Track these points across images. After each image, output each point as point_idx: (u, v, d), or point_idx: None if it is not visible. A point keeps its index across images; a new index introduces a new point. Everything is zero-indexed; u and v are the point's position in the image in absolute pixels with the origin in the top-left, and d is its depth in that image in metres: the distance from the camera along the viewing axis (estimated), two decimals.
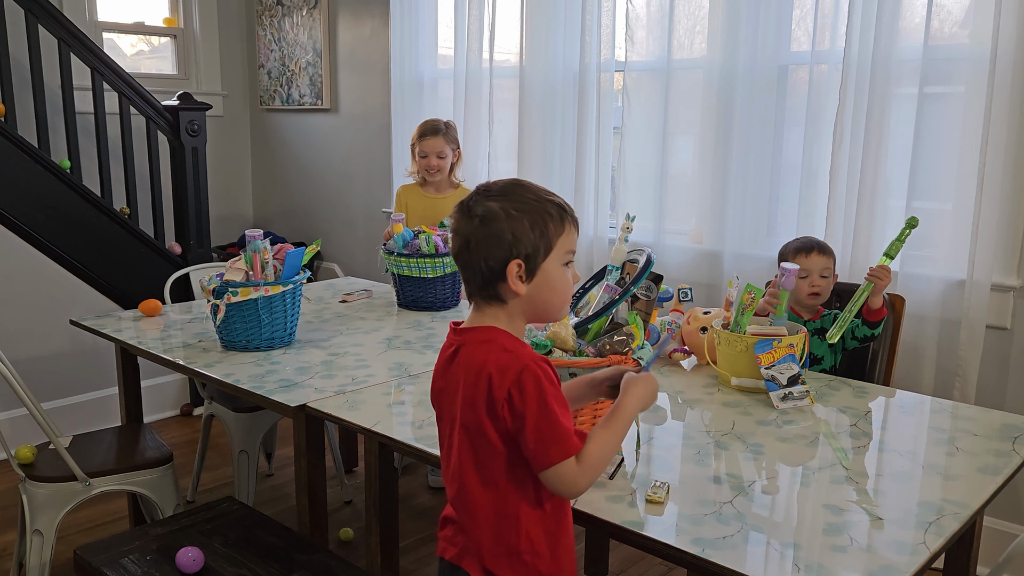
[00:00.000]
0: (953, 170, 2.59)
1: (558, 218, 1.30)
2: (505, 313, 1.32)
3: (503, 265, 1.27)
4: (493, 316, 1.32)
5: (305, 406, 1.92)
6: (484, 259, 1.28)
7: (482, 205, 1.29)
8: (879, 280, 2.23)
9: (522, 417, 1.24)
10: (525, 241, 1.27)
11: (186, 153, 3.87)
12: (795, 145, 2.93)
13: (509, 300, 1.31)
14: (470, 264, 1.30)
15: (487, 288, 1.31)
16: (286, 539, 1.96)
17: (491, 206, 1.28)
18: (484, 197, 1.30)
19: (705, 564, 1.27)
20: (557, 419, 1.25)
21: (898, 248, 2.24)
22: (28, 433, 2.90)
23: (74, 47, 3.58)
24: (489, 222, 1.27)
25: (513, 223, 1.27)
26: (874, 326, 2.31)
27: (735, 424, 1.81)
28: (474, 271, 1.30)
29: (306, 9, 4.47)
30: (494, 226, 1.27)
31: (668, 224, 3.22)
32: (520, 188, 1.32)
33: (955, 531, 1.36)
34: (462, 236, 1.30)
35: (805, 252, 2.37)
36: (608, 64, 3.27)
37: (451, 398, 1.33)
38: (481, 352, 1.29)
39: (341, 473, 3.19)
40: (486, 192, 1.31)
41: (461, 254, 1.31)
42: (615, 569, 2.69)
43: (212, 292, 2.31)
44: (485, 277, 1.29)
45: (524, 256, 1.27)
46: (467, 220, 1.30)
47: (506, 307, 1.31)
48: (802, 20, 2.87)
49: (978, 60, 2.47)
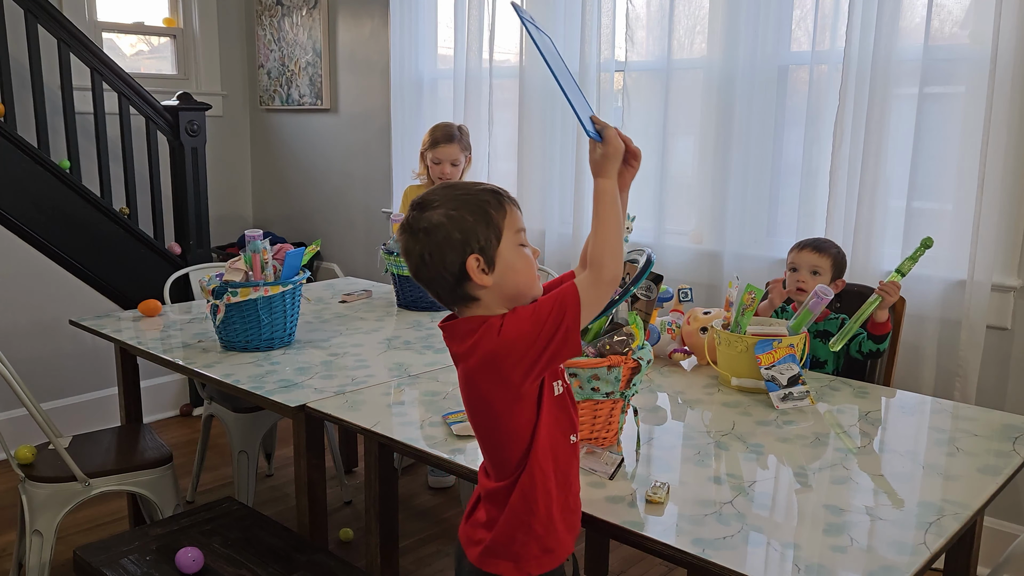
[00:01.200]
0: (953, 170, 2.59)
1: (496, 203, 1.31)
2: (482, 307, 1.32)
3: (462, 265, 1.28)
4: (476, 310, 1.33)
5: (305, 406, 1.92)
6: (443, 267, 1.28)
7: (422, 219, 1.30)
8: (887, 295, 2.22)
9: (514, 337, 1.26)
10: (474, 235, 1.28)
11: (186, 153, 3.87)
12: (795, 145, 2.93)
13: (481, 295, 1.31)
14: (433, 278, 1.31)
15: (457, 292, 1.31)
16: (286, 539, 1.96)
17: (430, 216, 1.29)
18: (421, 210, 1.31)
19: (705, 564, 1.27)
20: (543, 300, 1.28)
21: (910, 267, 2.22)
22: (28, 433, 2.90)
23: (74, 47, 3.58)
24: (435, 230, 1.28)
25: (457, 223, 1.28)
26: (879, 340, 2.30)
27: (735, 424, 1.81)
28: (439, 282, 1.31)
29: (306, 9, 4.47)
30: (440, 232, 1.28)
31: (668, 224, 3.22)
32: (450, 189, 1.33)
33: (955, 531, 1.36)
34: (415, 254, 1.31)
35: (798, 247, 2.41)
36: (608, 64, 3.27)
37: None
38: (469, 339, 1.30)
39: (341, 473, 3.19)
40: (420, 206, 1.32)
41: (420, 272, 1.32)
42: (615, 569, 2.69)
43: (212, 292, 2.31)
44: (451, 283, 1.30)
45: (479, 249, 1.28)
46: (413, 238, 1.31)
47: (481, 302, 1.31)
48: (802, 20, 2.87)
49: (978, 60, 2.47)
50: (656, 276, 1.85)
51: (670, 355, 2.25)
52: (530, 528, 1.32)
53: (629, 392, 1.65)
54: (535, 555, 1.34)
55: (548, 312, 1.26)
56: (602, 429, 1.66)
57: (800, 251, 2.40)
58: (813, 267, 2.37)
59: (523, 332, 1.26)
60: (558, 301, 1.26)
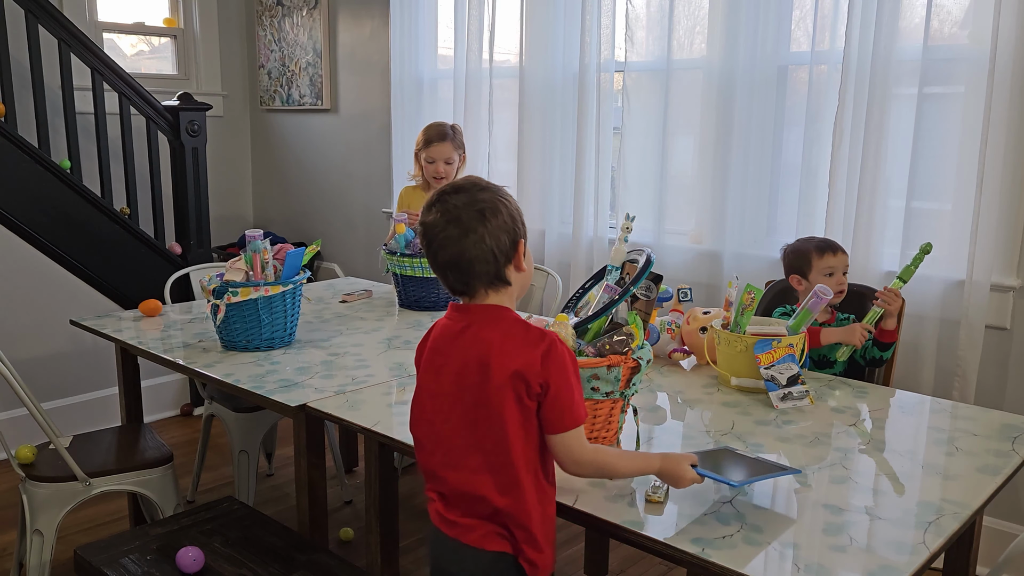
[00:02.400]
0: (953, 170, 2.59)
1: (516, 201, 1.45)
2: (507, 295, 1.41)
3: (515, 246, 1.38)
4: (498, 299, 1.41)
5: (305, 406, 1.92)
6: (496, 245, 1.36)
7: (477, 200, 1.37)
8: (889, 305, 2.22)
9: (547, 384, 1.34)
10: (520, 222, 1.41)
11: (186, 153, 3.87)
12: (795, 145, 2.93)
13: (513, 280, 1.41)
14: (482, 257, 1.36)
15: (499, 274, 1.39)
16: (286, 539, 1.97)
17: (486, 198, 1.37)
18: (468, 192, 1.38)
19: (705, 564, 1.28)
20: (574, 391, 1.36)
21: (911, 272, 2.23)
22: (28, 433, 2.90)
23: (74, 47, 3.59)
24: (495, 210, 1.36)
25: (508, 208, 1.38)
26: (884, 348, 2.30)
27: (735, 424, 1.81)
28: (485, 262, 1.37)
29: (306, 9, 4.47)
30: (502, 213, 1.37)
31: (668, 224, 3.22)
32: (474, 185, 1.41)
33: (955, 531, 1.37)
34: (473, 233, 1.35)
35: (832, 250, 2.36)
36: (608, 64, 3.27)
37: (458, 375, 1.40)
38: (503, 325, 1.38)
39: (341, 473, 3.19)
40: (461, 189, 1.39)
41: (471, 249, 1.36)
42: (615, 569, 2.70)
43: (212, 292, 2.31)
44: (499, 263, 1.37)
45: (523, 234, 1.41)
46: (471, 216, 1.36)
47: (510, 288, 1.41)
48: (802, 20, 2.87)
49: (977, 60, 2.47)
50: (656, 276, 1.85)
51: (670, 355, 2.25)
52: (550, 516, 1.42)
53: (629, 392, 1.65)
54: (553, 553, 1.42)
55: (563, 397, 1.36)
56: (602, 428, 1.66)
57: (836, 254, 2.35)
58: (846, 267, 2.37)
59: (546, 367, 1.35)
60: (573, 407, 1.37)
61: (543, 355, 1.34)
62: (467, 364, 1.38)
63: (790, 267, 2.42)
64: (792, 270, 2.41)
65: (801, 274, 2.37)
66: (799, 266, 2.38)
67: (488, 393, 1.35)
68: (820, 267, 2.34)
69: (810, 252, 2.37)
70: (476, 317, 1.40)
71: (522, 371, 1.33)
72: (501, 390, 1.34)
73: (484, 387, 1.36)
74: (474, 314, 1.40)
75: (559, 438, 1.37)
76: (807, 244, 2.40)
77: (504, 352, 1.35)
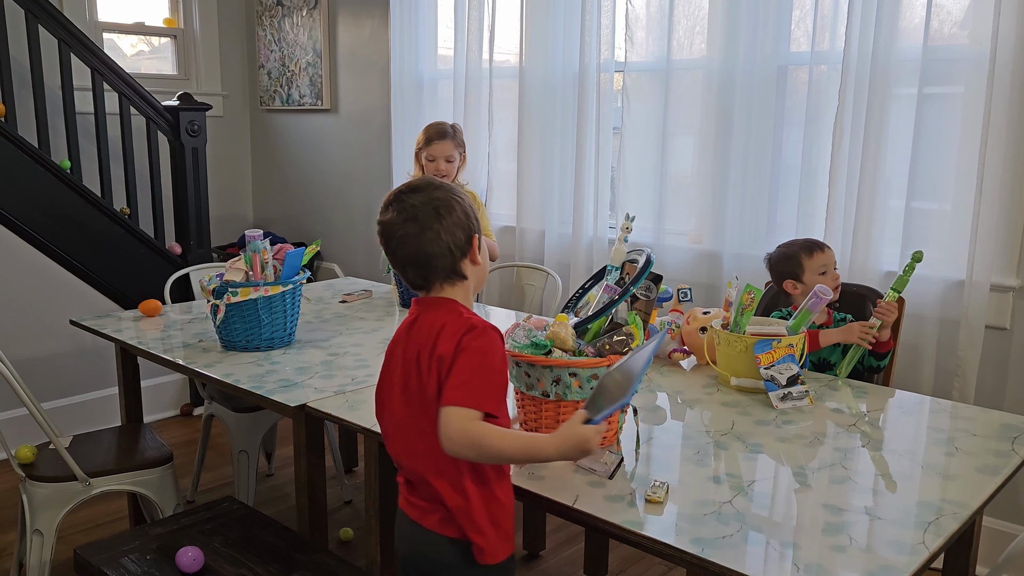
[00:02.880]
0: (952, 170, 2.59)
1: (469, 197, 1.51)
2: (462, 288, 1.48)
3: (469, 241, 1.45)
4: (452, 292, 1.48)
5: (305, 406, 1.92)
6: (452, 241, 1.43)
7: (432, 199, 1.43)
8: (886, 316, 2.21)
9: (453, 361, 1.38)
10: (473, 218, 1.47)
11: (186, 153, 3.88)
12: (795, 145, 2.93)
13: (469, 274, 1.48)
14: (440, 253, 1.43)
15: (455, 268, 1.45)
16: (286, 539, 1.97)
17: (441, 196, 1.44)
18: (424, 191, 1.44)
19: (705, 564, 1.28)
20: (476, 375, 1.37)
21: (905, 282, 2.22)
22: (28, 433, 2.90)
23: (74, 47, 3.59)
24: (451, 208, 1.43)
25: (460, 205, 1.45)
26: (880, 358, 2.30)
27: (734, 424, 1.81)
28: (443, 257, 1.43)
29: (306, 9, 4.47)
30: (455, 211, 1.43)
31: (668, 224, 3.22)
32: (428, 184, 1.47)
33: (954, 531, 1.37)
34: (430, 228, 1.42)
35: (819, 248, 2.35)
36: (608, 64, 3.27)
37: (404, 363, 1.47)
38: (442, 313, 1.44)
39: (341, 473, 3.19)
40: (417, 189, 1.45)
41: (428, 246, 1.42)
42: (615, 569, 2.70)
43: (212, 292, 2.32)
44: (454, 258, 1.44)
45: (476, 229, 1.47)
46: (427, 214, 1.42)
47: (465, 282, 1.48)
48: (802, 20, 2.87)
49: (977, 60, 2.47)
50: (656, 276, 1.85)
51: (670, 355, 2.25)
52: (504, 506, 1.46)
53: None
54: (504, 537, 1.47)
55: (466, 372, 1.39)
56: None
57: (824, 251, 2.35)
58: (834, 263, 2.38)
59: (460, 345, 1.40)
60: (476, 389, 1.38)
61: (462, 337, 1.38)
62: (412, 352, 1.46)
63: (781, 274, 2.39)
64: (784, 276, 2.38)
65: (795, 278, 2.35)
66: (791, 271, 2.36)
67: (423, 379, 1.43)
68: (813, 267, 2.34)
69: (799, 255, 2.35)
70: (425, 307, 1.48)
71: (443, 354, 1.39)
72: (429, 374, 1.41)
73: (422, 374, 1.43)
74: (424, 305, 1.48)
75: (441, 411, 1.36)
76: (793, 248, 2.39)
77: (439, 340, 1.41)
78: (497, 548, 1.45)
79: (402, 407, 1.48)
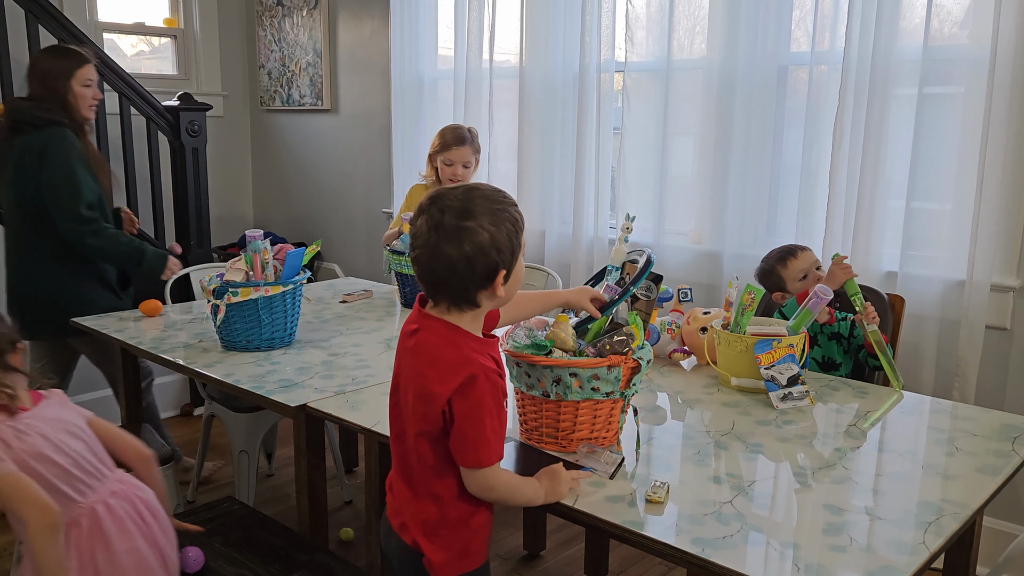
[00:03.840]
0: (953, 170, 2.59)
1: (520, 220, 1.39)
2: (469, 316, 1.40)
3: (491, 276, 1.34)
4: (458, 318, 1.40)
5: (305, 406, 1.92)
6: (471, 274, 1.33)
7: (463, 227, 1.32)
8: (875, 319, 2.19)
9: (452, 416, 1.35)
10: (506, 250, 1.34)
11: (186, 153, 3.87)
12: (795, 145, 2.93)
13: (484, 304, 1.39)
14: (453, 280, 1.34)
15: (468, 298, 1.37)
16: (286, 539, 1.97)
17: (470, 226, 1.31)
18: (459, 218, 1.32)
19: (705, 564, 1.28)
20: (484, 429, 1.35)
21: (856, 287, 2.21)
22: None
23: None
24: (476, 240, 1.31)
25: (496, 239, 1.33)
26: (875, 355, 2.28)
27: (735, 424, 1.81)
28: (457, 284, 1.35)
29: (306, 9, 4.47)
30: (482, 243, 1.32)
31: (668, 224, 3.22)
32: (485, 201, 1.35)
33: (955, 531, 1.37)
34: (448, 256, 1.32)
35: (792, 255, 2.40)
36: (608, 64, 3.27)
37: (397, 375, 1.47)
38: (441, 343, 1.38)
39: (341, 473, 3.19)
40: (458, 213, 1.32)
41: (445, 273, 1.34)
42: (615, 569, 2.70)
43: (212, 292, 2.32)
44: (467, 289, 1.35)
45: (506, 264, 1.35)
46: (450, 241, 1.32)
47: (478, 310, 1.40)
48: (802, 20, 2.87)
49: (977, 61, 2.47)
50: (656, 276, 1.85)
51: (670, 355, 2.25)
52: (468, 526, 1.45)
53: (629, 392, 1.65)
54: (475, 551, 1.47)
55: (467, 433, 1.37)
56: (602, 429, 1.66)
57: (797, 256, 2.39)
58: (815, 263, 2.41)
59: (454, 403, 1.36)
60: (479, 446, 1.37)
61: (460, 387, 1.34)
62: (404, 367, 1.43)
63: (768, 288, 2.44)
64: (772, 290, 2.44)
65: (781, 290, 2.42)
66: (775, 284, 2.43)
67: (402, 396, 1.43)
68: (791, 275, 2.38)
69: (775, 268, 2.42)
70: (425, 326, 1.40)
71: (436, 393, 1.35)
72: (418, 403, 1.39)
73: (403, 391, 1.43)
74: (426, 322, 1.41)
75: (463, 471, 1.40)
76: (769, 262, 2.45)
77: (432, 378, 1.36)
78: (444, 567, 1.45)
79: (395, 412, 1.49)
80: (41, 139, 2.69)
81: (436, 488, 1.43)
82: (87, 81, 2.79)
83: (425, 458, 1.42)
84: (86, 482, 1.60)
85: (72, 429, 1.63)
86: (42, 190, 2.69)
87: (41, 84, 2.77)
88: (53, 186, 2.67)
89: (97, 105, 2.86)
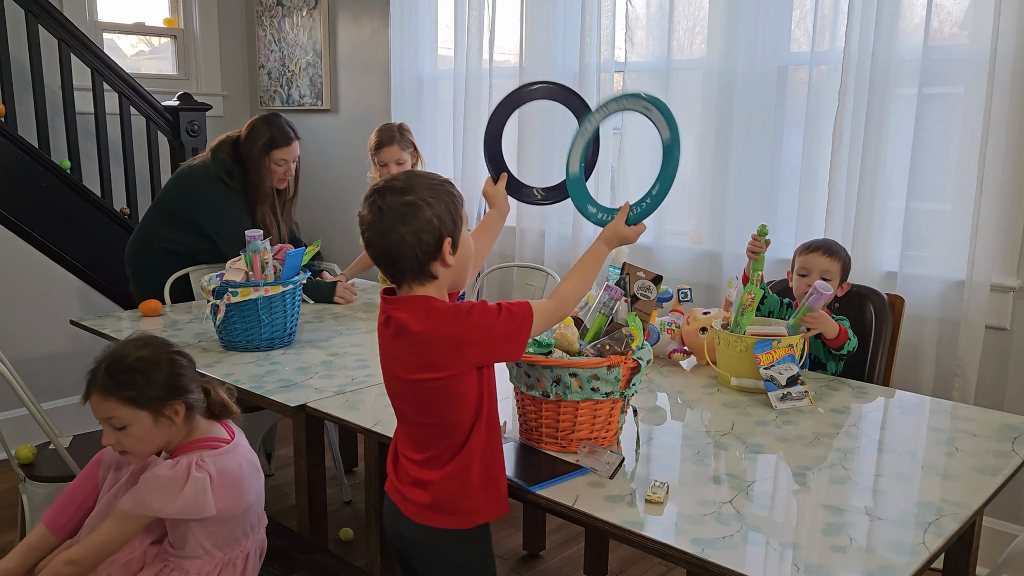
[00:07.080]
0: (952, 170, 2.59)
1: (459, 196, 1.50)
2: (434, 287, 1.48)
3: (438, 246, 1.44)
4: (424, 290, 1.48)
5: (305, 406, 1.93)
6: (418, 246, 1.43)
7: (401, 203, 1.42)
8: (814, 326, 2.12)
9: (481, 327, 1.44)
10: (447, 219, 1.45)
11: (186, 153, 3.87)
12: (795, 145, 2.93)
13: (440, 274, 1.47)
14: (405, 256, 1.44)
15: (423, 270, 1.46)
16: (286, 539, 1.96)
17: (411, 199, 1.42)
18: (395, 194, 1.43)
19: (704, 564, 1.28)
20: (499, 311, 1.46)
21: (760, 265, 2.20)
22: (28, 433, 2.90)
23: (74, 47, 3.59)
24: (415, 213, 1.42)
25: (432, 208, 1.43)
26: (840, 349, 2.21)
27: (734, 424, 1.81)
28: (409, 260, 1.44)
29: (306, 10, 4.47)
30: (422, 215, 1.42)
31: (668, 224, 3.22)
32: (416, 177, 1.47)
33: (954, 531, 1.37)
34: (394, 232, 1.42)
35: (808, 250, 2.32)
36: (608, 64, 3.27)
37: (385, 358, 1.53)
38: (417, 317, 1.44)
39: (341, 473, 3.19)
40: (390, 191, 1.44)
41: (394, 249, 1.44)
42: (615, 569, 2.70)
43: (212, 292, 2.32)
44: (420, 260, 1.44)
45: (451, 233, 1.45)
46: (393, 218, 1.42)
47: (437, 281, 1.48)
48: (802, 21, 2.87)
49: (977, 61, 2.47)
50: (656, 276, 1.85)
51: (669, 355, 2.25)
52: (469, 483, 1.48)
53: (629, 392, 1.65)
54: (478, 507, 1.50)
55: (508, 318, 1.46)
56: (602, 429, 1.66)
57: (810, 253, 2.29)
58: (824, 271, 2.26)
59: (487, 323, 1.44)
60: (516, 315, 1.46)
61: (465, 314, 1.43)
62: (390, 346, 1.49)
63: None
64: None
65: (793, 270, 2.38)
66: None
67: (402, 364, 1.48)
68: (796, 265, 2.34)
69: (798, 250, 2.37)
70: (395, 307, 1.47)
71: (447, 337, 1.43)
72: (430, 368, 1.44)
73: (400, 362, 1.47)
74: (394, 304, 1.48)
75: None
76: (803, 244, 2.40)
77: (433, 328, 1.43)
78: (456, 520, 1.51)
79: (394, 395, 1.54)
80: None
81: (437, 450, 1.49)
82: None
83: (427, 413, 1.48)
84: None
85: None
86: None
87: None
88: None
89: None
